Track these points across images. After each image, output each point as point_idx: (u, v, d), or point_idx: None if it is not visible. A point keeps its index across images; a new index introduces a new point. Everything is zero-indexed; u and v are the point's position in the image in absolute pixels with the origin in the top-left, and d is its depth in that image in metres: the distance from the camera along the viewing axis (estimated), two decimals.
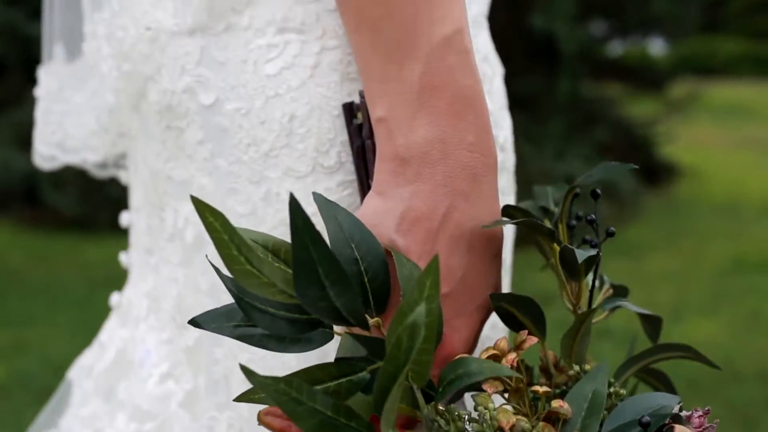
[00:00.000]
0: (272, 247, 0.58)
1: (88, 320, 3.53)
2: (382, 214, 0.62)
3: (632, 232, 5.05)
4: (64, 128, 0.93)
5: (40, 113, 0.94)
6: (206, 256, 0.63)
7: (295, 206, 0.50)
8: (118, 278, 3.68)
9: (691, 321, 3.71)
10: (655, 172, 6.76)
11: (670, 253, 4.73)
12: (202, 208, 0.52)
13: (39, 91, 0.94)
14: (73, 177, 4.79)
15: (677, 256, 4.69)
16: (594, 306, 0.68)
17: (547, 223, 0.72)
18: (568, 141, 5.18)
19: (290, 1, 0.69)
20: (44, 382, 2.99)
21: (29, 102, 4.90)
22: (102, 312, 3.92)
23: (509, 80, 1.04)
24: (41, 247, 4.55)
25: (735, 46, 16.51)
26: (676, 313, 3.80)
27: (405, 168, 0.61)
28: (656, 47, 11.33)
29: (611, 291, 0.74)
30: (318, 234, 0.51)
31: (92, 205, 4.79)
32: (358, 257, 0.60)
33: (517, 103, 5.77)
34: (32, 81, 4.08)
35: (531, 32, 4.70)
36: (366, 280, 0.59)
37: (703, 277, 4.33)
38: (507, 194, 0.83)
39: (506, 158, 0.82)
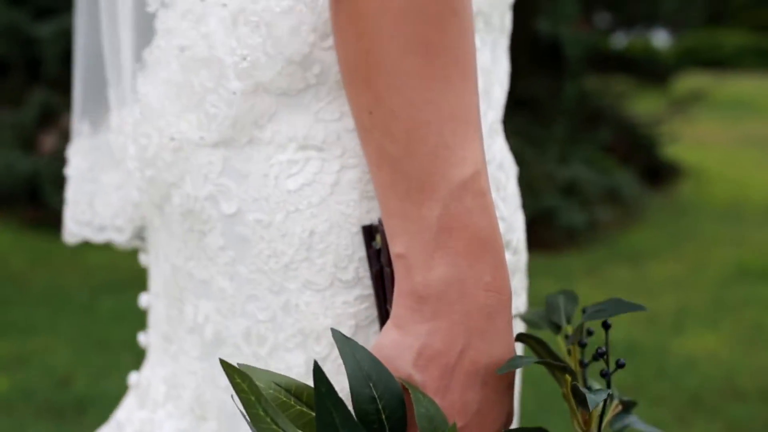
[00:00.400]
0: (294, 391, 0.61)
1: (90, 329, 3.54)
2: (400, 347, 0.63)
3: (635, 237, 5.05)
4: (93, 207, 0.94)
5: (71, 193, 0.96)
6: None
7: (318, 374, 0.54)
8: (119, 284, 3.68)
9: (692, 333, 3.71)
10: (658, 172, 6.77)
11: (672, 259, 4.73)
12: (230, 370, 0.56)
13: (69, 171, 0.95)
14: None
15: (680, 262, 4.69)
16: (603, 427, 0.69)
17: (559, 341, 0.72)
18: (571, 143, 5.18)
19: (311, 119, 0.70)
20: (46, 396, 2.99)
21: (31, 102, 4.90)
22: (103, 320, 3.93)
23: (513, 83, 1.03)
24: (44, 250, 4.56)
25: (739, 39, 16.47)
26: (677, 325, 3.81)
27: (423, 305, 0.62)
28: (660, 39, 11.31)
29: (620, 407, 0.74)
30: (340, 400, 0.56)
31: None
32: (376, 396, 0.61)
33: (520, 106, 5.76)
34: (34, 81, 4.08)
35: (536, 35, 4.69)
36: (384, 417, 0.61)
37: (706, 285, 4.33)
38: (519, 294, 0.83)
39: (519, 259, 0.82)
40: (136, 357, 3.13)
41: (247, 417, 0.57)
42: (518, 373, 0.82)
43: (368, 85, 0.62)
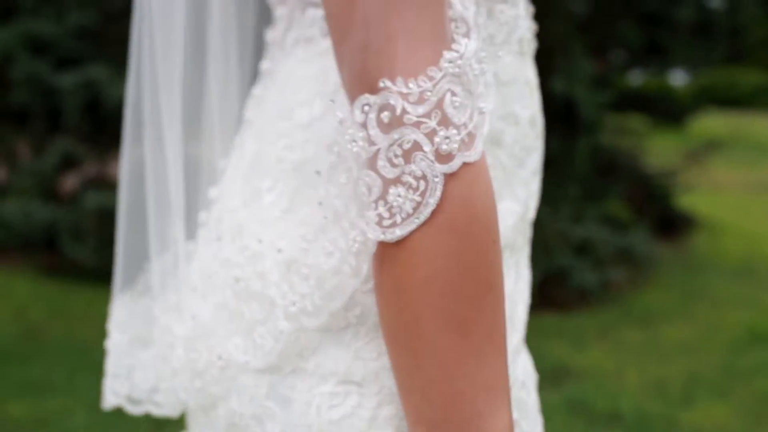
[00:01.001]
0: None
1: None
2: None
3: (647, 297, 5.06)
4: (132, 380, 0.99)
5: (111, 367, 1.00)
6: None
7: None
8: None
9: (702, 404, 3.72)
10: (672, 224, 6.78)
11: (684, 321, 4.74)
12: None
13: (109, 345, 0.99)
14: (92, 227, 4.85)
15: (691, 324, 4.70)
16: None
17: None
18: (584, 201, 5.20)
19: (351, 356, 0.75)
20: None
21: (52, 151, 4.98)
22: None
23: None
24: (61, 301, 4.61)
25: (755, 78, 16.48)
26: (687, 394, 3.82)
27: None
28: (677, 78, 11.33)
29: None
30: None
31: (109, 256, 4.84)
32: None
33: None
34: (55, 130, 4.13)
35: (551, 95, 4.73)
36: None
37: (717, 351, 4.34)
38: None
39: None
40: (155, 425, 3.17)
41: None
42: None
43: (408, 351, 0.67)
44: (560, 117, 4.92)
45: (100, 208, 4.83)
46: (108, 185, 5.07)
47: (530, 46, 0.89)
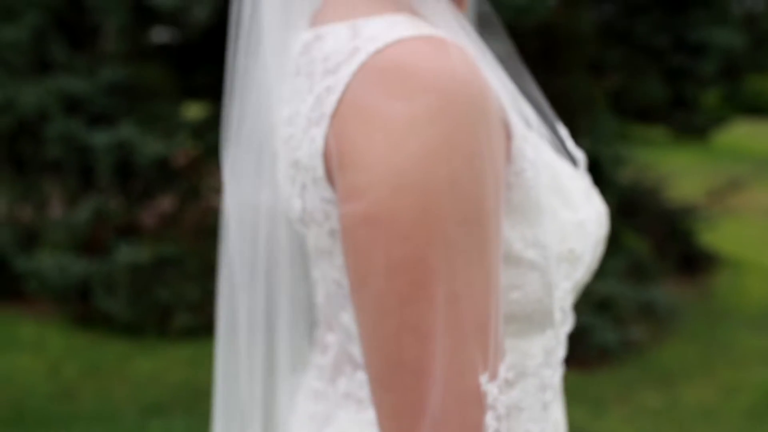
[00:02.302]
0: None
1: None
2: None
3: (667, 354, 5.12)
4: None
5: None
6: None
7: None
8: (166, 405, 3.81)
9: None
10: (694, 262, 6.81)
11: (704, 381, 4.80)
12: None
13: None
14: (124, 280, 4.98)
15: (712, 384, 4.76)
16: None
17: None
18: (606, 254, 5.25)
19: None
20: None
21: (84, 205, 5.10)
22: None
23: None
24: (93, 357, 4.74)
25: None
26: None
27: None
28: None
29: None
30: None
31: (141, 310, 4.97)
32: None
33: None
34: (88, 186, 4.25)
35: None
36: None
37: (737, 415, 4.40)
38: None
39: None
40: None
41: None
42: None
43: None
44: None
45: (132, 261, 4.96)
46: (139, 237, 5.20)
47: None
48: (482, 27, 1.03)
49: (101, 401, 4.28)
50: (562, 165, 0.93)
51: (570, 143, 1.00)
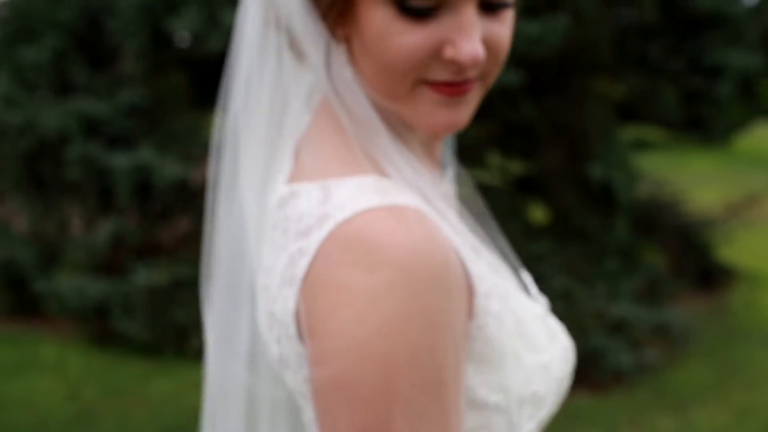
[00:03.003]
0: None
1: None
2: None
3: (682, 376, 5.13)
4: None
5: None
6: None
7: None
8: (184, 429, 3.87)
9: None
10: (711, 277, 6.79)
11: (718, 404, 4.80)
12: None
13: None
14: (142, 301, 5.05)
15: (725, 407, 4.77)
16: None
17: None
18: (621, 275, 5.27)
19: None
20: None
21: (103, 227, 5.18)
22: None
23: (565, 218, 1.12)
24: (112, 378, 4.82)
25: None
26: None
27: None
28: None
29: None
30: None
31: (159, 331, 5.04)
32: None
33: (571, 240, 5.81)
34: (106, 206, 4.32)
35: (589, 180, 4.82)
36: None
37: None
38: None
39: None
40: None
41: None
42: None
43: None
44: (597, 197, 5.00)
45: (150, 282, 5.03)
46: (157, 258, 5.27)
47: None
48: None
49: (121, 424, 4.35)
50: (528, 306, 0.99)
51: (533, 289, 1.06)
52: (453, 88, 0.89)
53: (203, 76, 5.79)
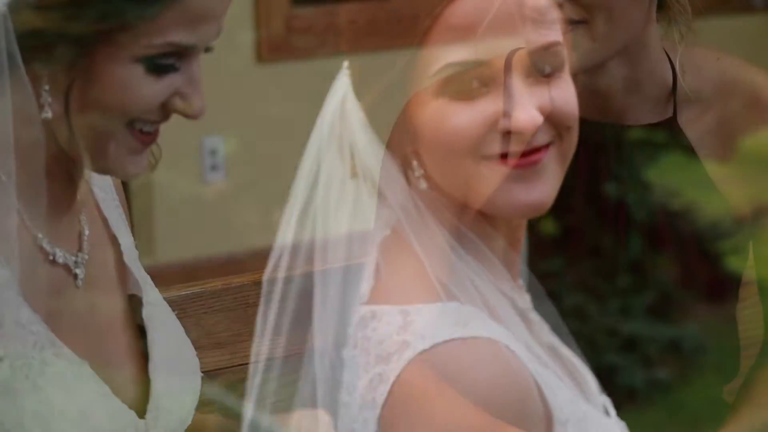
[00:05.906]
0: None
1: None
2: None
3: (694, 394, 5.11)
4: None
5: None
6: None
7: None
8: None
9: None
10: (724, 288, 6.75)
11: (731, 421, 4.79)
12: None
13: None
14: None
15: (739, 425, 4.75)
16: None
17: None
18: (634, 291, 5.26)
19: None
20: None
21: None
22: None
23: (578, 236, 1.10)
24: None
25: None
26: None
27: None
28: None
29: None
30: None
31: None
32: None
33: (585, 257, 5.77)
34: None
35: (603, 195, 4.79)
36: None
37: None
38: None
39: None
40: None
41: None
42: None
43: None
44: (612, 216, 4.96)
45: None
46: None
47: None
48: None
49: None
50: (605, 426, 1.06)
51: (596, 389, 1.11)
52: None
53: None
